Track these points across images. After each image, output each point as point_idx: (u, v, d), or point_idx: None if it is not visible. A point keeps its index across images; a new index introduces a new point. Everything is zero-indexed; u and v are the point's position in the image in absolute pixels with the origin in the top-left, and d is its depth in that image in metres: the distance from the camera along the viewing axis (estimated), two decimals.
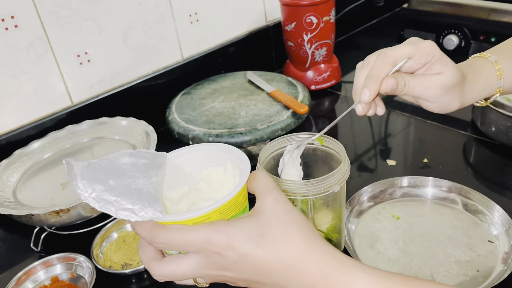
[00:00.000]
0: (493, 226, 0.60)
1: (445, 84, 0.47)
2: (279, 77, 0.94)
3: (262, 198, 0.37)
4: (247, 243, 0.34)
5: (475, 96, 0.51)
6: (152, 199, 0.36)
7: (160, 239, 0.35)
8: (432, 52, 0.47)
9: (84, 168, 0.37)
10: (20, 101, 0.77)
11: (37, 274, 0.62)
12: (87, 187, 0.35)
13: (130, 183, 0.37)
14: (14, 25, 0.73)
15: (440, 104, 0.49)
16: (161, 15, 0.90)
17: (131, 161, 0.39)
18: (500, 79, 0.51)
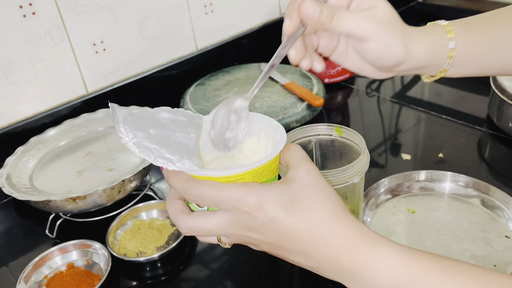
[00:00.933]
0: (510, 221, 0.60)
1: (380, 16, 0.41)
2: (293, 70, 0.94)
3: (296, 168, 0.37)
4: (278, 207, 0.35)
5: (424, 48, 0.44)
6: (190, 153, 0.36)
7: (193, 191, 0.36)
8: None
9: (126, 115, 0.37)
10: (36, 89, 0.78)
11: (53, 260, 0.62)
12: (129, 132, 0.36)
13: (170, 135, 0.37)
14: (32, 12, 0.73)
15: (380, 44, 0.41)
16: (176, 5, 0.90)
17: (171, 116, 0.40)
18: (451, 39, 0.44)
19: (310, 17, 0.39)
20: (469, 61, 0.46)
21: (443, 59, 0.45)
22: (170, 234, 0.65)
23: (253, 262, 0.60)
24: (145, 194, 0.73)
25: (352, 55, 0.46)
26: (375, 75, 0.47)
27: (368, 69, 0.46)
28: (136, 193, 0.71)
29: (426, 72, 0.47)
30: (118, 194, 0.65)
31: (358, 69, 0.46)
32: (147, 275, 0.61)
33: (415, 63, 0.44)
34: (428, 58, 0.45)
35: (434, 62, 0.45)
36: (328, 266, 0.35)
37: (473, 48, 0.46)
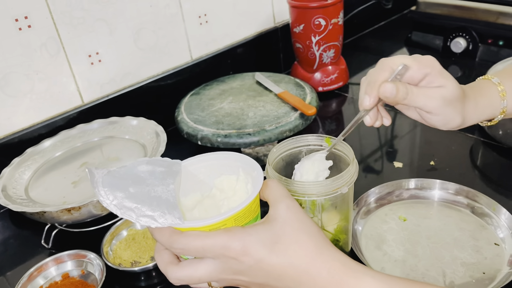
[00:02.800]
0: (499, 229, 0.61)
1: (446, 96, 0.47)
2: (287, 79, 0.95)
3: (275, 206, 0.39)
4: (262, 249, 0.36)
5: (478, 115, 0.51)
6: (171, 206, 0.37)
7: (179, 245, 0.37)
8: (432, 63, 0.47)
9: (104, 176, 0.38)
10: (32, 100, 0.79)
11: (48, 270, 0.63)
12: (109, 194, 0.37)
13: (149, 191, 0.38)
14: (27, 25, 0.74)
15: (442, 117, 0.49)
16: (171, 16, 0.91)
17: (149, 169, 0.41)
18: (503, 100, 0.51)
19: (388, 97, 0.46)
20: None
21: (495, 115, 0.53)
22: None
23: None
24: None
25: (414, 111, 0.52)
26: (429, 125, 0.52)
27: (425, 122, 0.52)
28: None
29: None
30: None
31: (416, 119, 0.53)
32: (142, 284, 0.62)
33: (468, 125, 0.51)
34: (481, 119, 0.52)
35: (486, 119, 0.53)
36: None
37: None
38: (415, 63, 0.47)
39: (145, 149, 0.75)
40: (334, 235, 0.54)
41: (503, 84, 0.52)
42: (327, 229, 0.54)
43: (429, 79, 0.48)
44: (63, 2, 0.77)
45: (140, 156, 0.73)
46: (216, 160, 0.45)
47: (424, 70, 0.47)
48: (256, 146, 0.79)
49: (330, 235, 0.54)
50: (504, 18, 1.03)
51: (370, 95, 0.47)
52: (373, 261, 0.59)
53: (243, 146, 0.77)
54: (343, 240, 0.56)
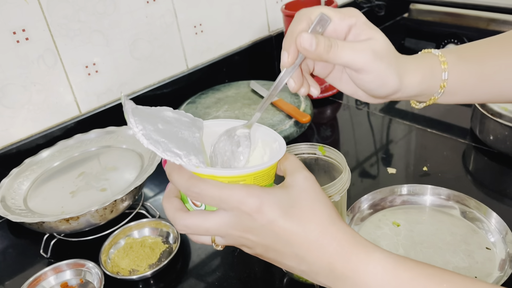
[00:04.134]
0: (490, 233, 0.62)
1: (376, 48, 0.42)
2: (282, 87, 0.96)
3: (294, 175, 0.39)
4: (278, 210, 0.36)
5: (417, 80, 0.45)
6: (196, 150, 0.37)
7: (196, 188, 0.36)
8: (355, 14, 0.43)
9: (134, 108, 0.38)
10: (30, 111, 0.80)
11: (47, 280, 0.63)
12: (138, 123, 0.36)
13: (177, 131, 0.38)
14: (25, 38, 0.75)
15: (375, 75, 0.42)
16: (166, 26, 0.93)
17: (175, 116, 0.41)
18: (444, 71, 0.46)
19: (306, 50, 0.40)
20: (460, 90, 0.47)
21: (435, 89, 0.46)
22: (162, 251, 0.67)
23: (242, 278, 0.62)
24: (138, 212, 0.74)
25: (346, 80, 0.47)
26: (368, 100, 0.48)
27: (361, 95, 0.47)
28: (128, 212, 0.73)
29: (416, 99, 0.49)
30: (110, 213, 0.66)
31: (352, 93, 0.48)
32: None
33: (408, 93, 0.46)
34: (421, 88, 0.46)
35: (427, 92, 0.47)
36: (321, 270, 0.37)
37: (465, 78, 0.47)
38: (337, 14, 0.42)
39: (142, 158, 0.76)
40: None
41: (445, 56, 0.46)
42: None
43: (355, 31, 0.42)
44: (60, 14, 0.78)
45: (137, 165, 0.74)
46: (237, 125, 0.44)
47: (347, 21, 0.42)
48: None
49: None
50: (495, 24, 1.05)
51: (289, 50, 0.41)
52: None
53: None
54: None
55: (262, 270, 0.63)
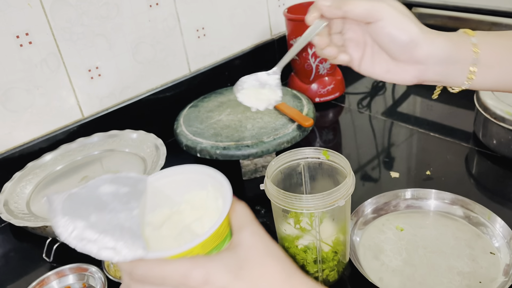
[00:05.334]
0: (494, 238, 0.62)
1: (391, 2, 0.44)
2: (284, 90, 0.96)
3: (240, 232, 0.37)
4: (226, 276, 0.34)
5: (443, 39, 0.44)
6: (135, 236, 0.35)
7: (139, 270, 0.35)
8: None
9: (64, 201, 0.36)
10: (33, 115, 0.80)
11: (50, 284, 0.63)
12: (69, 224, 0.34)
13: (112, 218, 0.36)
14: (28, 42, 0.76)
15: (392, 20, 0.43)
16: (169, 30, 0.93)
17: (112, 190, 0.38)
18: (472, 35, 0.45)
19: (323, 4, 0.44)
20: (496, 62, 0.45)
21: (468, 53, 0.44)
22: None
23: None
24: None
25: (377, 59, 0.47)
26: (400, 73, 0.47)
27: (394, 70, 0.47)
28: None
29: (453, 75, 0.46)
30: None
31: (385, 71, 0.48)
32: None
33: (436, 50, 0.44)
34: (450, 48, 0.44)
35: (459, 56, 0.44)
36: None
37: (498, 48, 0.45)
38: None
39: (145, 162, 0.75)
40: (333, 247, 0.55)
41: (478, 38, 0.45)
42: (326, 241, 0.55)
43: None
44: (63, 18, 0.78)
45: (140, 169, 0.74)
46: (184, 174, 0.44)
47: None
48: (255, 157, 0.80)
49: (329, 247, 0.55)
50: (497, 28, 1.05)
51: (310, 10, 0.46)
52: (371, 271, 0.60)
53: (242, 158, 0.78)
54: (341, 251, 0.57)
55: None
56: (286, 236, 0.56)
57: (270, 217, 0.72)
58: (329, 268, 0.56)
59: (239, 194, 0.87)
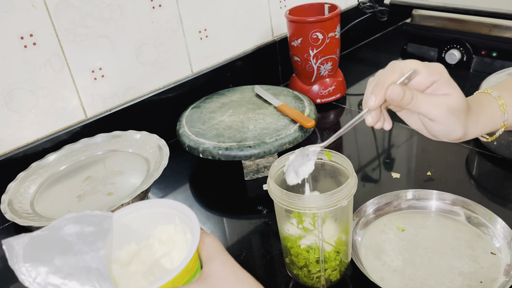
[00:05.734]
0: (495, 238, 0.62)
1: (451, 104, 0.47)
2: (286, 91, 0.97)
3: (209, 263, 0.38)
4: None
5: (479, 129, 0.51)
6: (102, 278, 0.34)
7: None
8: (441, 71, 0.47)
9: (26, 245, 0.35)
10: (37, 116, 0.80)
11: None
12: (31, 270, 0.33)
13: (77, 261, 0.35)
14: (32, 43, 0.76)
15: (444, 126, 0.48)
16: (172, 32, 0.93)
17: (76, 230, 0.37)
18: (504, 113, 0.51)
19: (394, 100, 0.46)
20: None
21: (496, 128, 0.52)
22: None
23: None
24: None
25: (415, 119, 0.52)
26: (430, 137, 0.53)
27: (426, 133, 0.52)
28: None
29: None
30: None
31: (418, 129, 0.52)
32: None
33: (469, 138, 0.51)
34: (483, 133, 0.52)
35: (487, 132, 0.53)
36: None
37: None
38: (425, 69, 0.47)
39: (148, 162, 0.76)
40: (335, 247, 0.56)
41: (503, 97, 0.52)
42: (328, 241, 0.55)
43: (436, 86, 0.48)
44: (67, 19, 0.79)
45: (143, 169, 0.75)
46: (150, 208, 0.43)
47: (432, 77, 0.47)
48: (257, 158, 0.81)
49: (331, 247, 0.55)
50: (497, 30, 1.06)
51: (377, 95, 0.47)
52: (372, 271, 0.60)
53: (244, 158, 0.79)
54: (343, 251, 0.57)
55: (268, 274, 0.63)
56: (288, 236, 0.56)
57: (271, 217, 0.73)
58: (331, 268, 0.57)
59: (241, 194, 0.88)
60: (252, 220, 0.73)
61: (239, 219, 0.75)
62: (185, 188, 0.84)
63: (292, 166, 0.52)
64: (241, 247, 0.68)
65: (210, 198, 0.81)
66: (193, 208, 0.78)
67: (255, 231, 0.71)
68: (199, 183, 0.85)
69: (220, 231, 0.72)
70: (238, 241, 0.69)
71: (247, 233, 0.71)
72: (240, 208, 0.78)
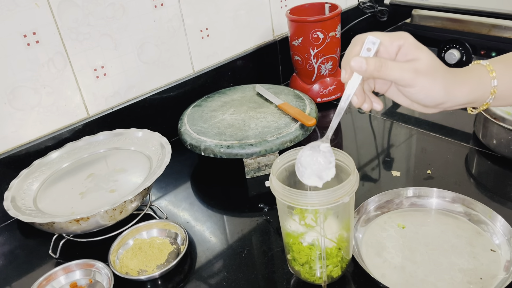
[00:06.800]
0: (495, 235, 0.63)
1: (419, 67, 0.47)
2: (287, 90, 0.97)
3: None
4: None
5: (465, 92, 0.49)
6: None
7: None
8: (404, 36, 0.47)
9: None
10: (40, 114, 0.81)
11: (57, 280, 0.64)
12: None
13: None
14: (35, 41, 0.77)
15: (420, 89, 0.47)
16: (174, 31, 0.94)
17: None
18: (493, 78, 0.50)
19: (358, 70, 0.47)
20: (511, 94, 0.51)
21: (485, 96, 0.50)
22: (170, 252, 0.67)
23: (250, 279, 0.62)
24: (146, 213, 0.75)
25: (399, 95, 0.52)
26: (423, 110, 0.52)
27: (416, 106, 0.52)
28: (136, 213, 0.74)
29: (469, 106, 0.53)
30: (119, 214, 0.67)
31: (408, 105, 0.52)
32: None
33: (458, 102, 0.50)
34: (472, 97, 0.50)
35: (477, 99, 0.51)
36: None
37: None
38: (386, 36, 0.48)
39: (150, 160, 0.76)
40: (337, 243, 0.56)
41: (493, 65, 0.50)
42: (330, 237, 0.56)
43: (403, 51, 0.48)
44: (70, 18, 0.79)
45: (145, 167, 0.75)
46: None
47: (396, 42, 0.47)
48: (258, 156, 0.81)
49: (333, 243, 0.56)
50: (496, 30, 1.06)
51: (345, 68, 0.48)
52: (373, 268, 0.61)
53: (245, 156, 0.79)
54: (345, 248, 0.58)
55: (270, 271, 0.63)
56: (290, 232, 0.57)
57: (273, 215, 0.74)
58: (333, 264, 0.57)
59: (242, 192, 0.88)
60: (253, 218, 0.74)
61: (240, 217, 0.76)
62: (187, 186, 0.85)
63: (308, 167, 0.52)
64: (242, 245, 0.69)
65: (211, 196, 0.81)
66: (194, 206, 0.79)
67: (257, 228, 0.72)
68: (201, 181, 0.86)
69: (221, 229, 0.73)
70: (240, 239, 0.70)
71: (249, 230, 0.71)
72: (242, 206, 0.78)
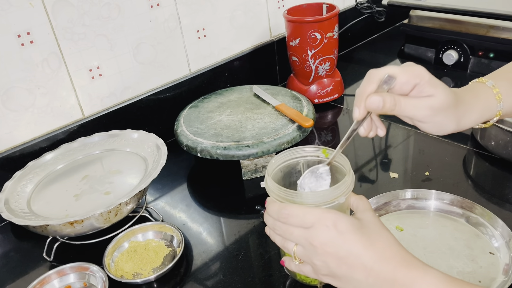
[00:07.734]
0: (494, 238, 0.62)
1: (435, 105, 0.47)
2: (284, 91, 0.97)
3: (364, 212, 0.48)
4: (350, 226, 0.44)
5: (474, 119, 0.51)
6: None
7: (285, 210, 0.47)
8: (421, 74, 0.47)
9: None
10: (34, 114, 0.80)
11: (51, 283, 0.63)
12: None
13: None
14: (29, 41, 0.76)
15: (434, 124, 0.49)
16: (170, 31, 0.93)
17: None
18: (499, 102, 0.51)
19: (374, 110, 0.47)
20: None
21: (491, 117, 0.53)
22: (165, 255, 0.67)
23: (246, 282, 0.62)
24: (141, 215, 0.74)
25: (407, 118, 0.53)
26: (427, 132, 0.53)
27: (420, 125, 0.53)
28: (132, 215, 0.73)
29: None
30: (115, 217, 0.66)
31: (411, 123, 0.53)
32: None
33: (465, 128, 0.52)
34: (478, 122, 0.53)
35: (483, 121, 0.53)
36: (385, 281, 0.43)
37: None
38: (403, 74, 0.47)
39: (146, 162, 0.76)
40: None
41: (498, 86, 0.52)
42: None
43: (418, 88, 0.48)
44: (64, 18, 0.78)
45: (141, 169, 0.75)
46: None
47: (413, 81, 0.47)
48: (255, 158, 0.80)
49: None
50: (494, 31, 1.06)
51: (359, 107, 0.48)
52: None
53: (242, 158, 0.79)
54: None
55: (266, 274, 0.63)
56: None
57: None
58: None
59: (239, 194, 0.88)
60: (250, 220, 0.73)
61: (237, 218, 0.75)
62: (183, 187, 0.84)
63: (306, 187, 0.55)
64: (239, 247, 0.68)
65: (208, 198, 0.80)
66: (190, 207, 0.78)
67: (253, 230, 0.71)
68: (197, 183, 0.85)
69: (218, 230, 0.72)
70: (236, 241, 0.69)
71: (245, 232, 0.71)
72: (238, 207, 0.78)
